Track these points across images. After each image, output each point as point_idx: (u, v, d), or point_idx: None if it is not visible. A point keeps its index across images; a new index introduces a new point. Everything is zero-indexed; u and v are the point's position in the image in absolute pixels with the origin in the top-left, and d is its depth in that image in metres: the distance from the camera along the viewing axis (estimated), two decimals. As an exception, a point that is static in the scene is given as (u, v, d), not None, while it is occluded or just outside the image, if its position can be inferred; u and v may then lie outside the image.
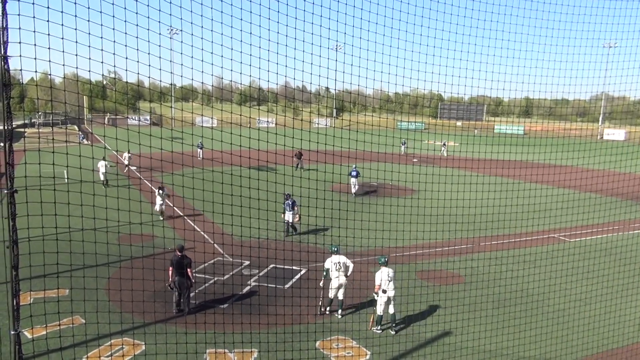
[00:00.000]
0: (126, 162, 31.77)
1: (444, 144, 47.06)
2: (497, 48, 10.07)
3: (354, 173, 27.22)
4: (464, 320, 11.90)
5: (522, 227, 18.87)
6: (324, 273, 12.02)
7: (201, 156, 38.65)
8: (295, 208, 17.83)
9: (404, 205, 15.39)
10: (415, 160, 35.46)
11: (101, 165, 27.67)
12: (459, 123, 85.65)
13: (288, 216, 18.09)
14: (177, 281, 11.71)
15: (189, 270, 11.78)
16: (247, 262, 15.24)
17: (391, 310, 11.15)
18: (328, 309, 12.18)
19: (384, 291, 11.03)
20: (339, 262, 11.95)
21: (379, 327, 11.20)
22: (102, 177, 27.42)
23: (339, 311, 12.07)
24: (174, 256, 11.91)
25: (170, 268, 11.83)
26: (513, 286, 13.71)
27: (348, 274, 11.97)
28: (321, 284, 12.13)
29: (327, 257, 12.33)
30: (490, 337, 11.11)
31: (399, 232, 11.57)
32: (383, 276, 11.12)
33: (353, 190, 28.14)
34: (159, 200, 21.00)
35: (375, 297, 11.23)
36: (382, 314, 11.19)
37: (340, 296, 12.01)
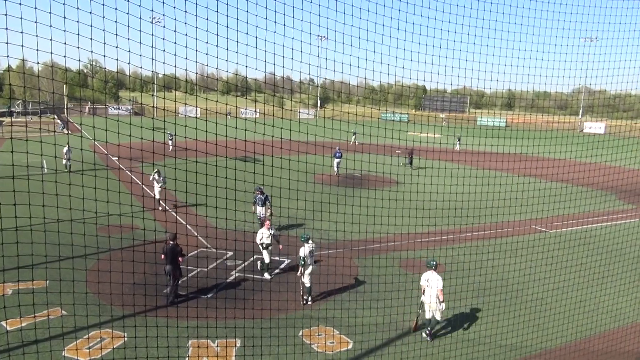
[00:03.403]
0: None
1: (459, 138, 47.27)
2: (478, 37, 10.08)
3: (338, 154, 29.46)
4: (445, 309, 12.02)
5: (502, 217, 19.11)
6: (302, 262, 12.01)
7: (172, 147, 38.45)
8: (268, 203, 17.42)
9: (382, 197, 15.44)
10: (398, 151, 35.49)
11: (65, 151, 28.65)
12: (442, 115, 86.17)
13: (260, 211, 17.54)
14: (168, 270, 11.81)
15: (180, 259, 11.86)
16: (230, 253, 15.16)
17: (437, 316, 10.68)
18: (310, 297, 12.23)
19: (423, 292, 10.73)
20: (312, 250, 12.18)
21: (427, 333, 10.77)
22: (64, 162, 28.63)
23: (309, 298, 12.23)
24: (165, 245, 11.97)
25: (162, 256, 11.93)
26: (493, 275, 13.90)
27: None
28: (299, 273, 12.15)
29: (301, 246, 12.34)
30: (469, 325, 11.27)
31: (377, 225, 11.60)
32: (422, 280, 10.77)
33: (336, 170, 30.13)
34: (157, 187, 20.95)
35: (421, 300, 10.90)
36: (430, 318, 10.75)
37: (308, 283, 12.14)
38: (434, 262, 10.85)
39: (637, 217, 22.33)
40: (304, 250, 12.05)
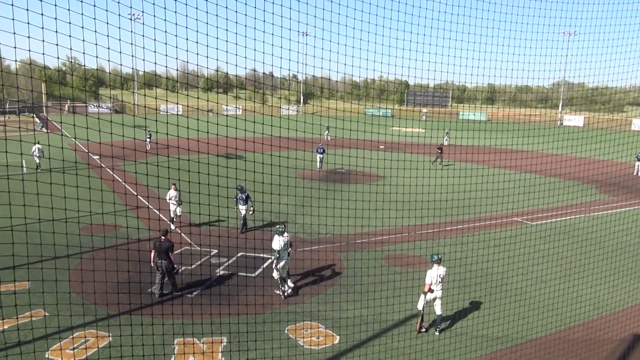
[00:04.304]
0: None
1: (447, 132, 47.91)
2: (460, 33, 10.20)
3: (320, 150, 30.79)
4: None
5: (483, 208, 19.38)
6: (277, 255, 12.01)
7: (149, 146, 38.13)
8: (249, 202, 17.36)
9: (363, 191, 15.57)
10: (382, 146, 35.74)
11: (35, 149, 28.36)
12: (424, 109, 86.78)
13: (242, 209, 17.42)
14: (163, 265, 11.89)
15: (170, 254, 11.93)
16: (215, 251, 15.12)
17: (438, 311, 10.66)
18: (289, 289, 12.30)
19: (431, 290, 10.57)
20: (286, 242, 12.17)
21: (422, 328, 10.79)
22: (37, 161, 28.34)
23: (288, 289, 12.31)
24: (156, 240, 12.04)
25: (153, 252, 11.99)
26: (474, 265, 14.11)
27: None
28: (274, 265, 12.18)
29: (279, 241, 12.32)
30: (453, 317, 11.44)
31: (364, 218, 11.70)
32: (433, 275, 10.54)
33: (318, 166, 30.95)
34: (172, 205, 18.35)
35: (423, 297, 10.72)
36: (422, 309, 10.68)
37: (278, 275, 12.18)
38: (439, 256, 10.70)
39: (615, 207, 22.84)
40: (279, 243, 12.01)
